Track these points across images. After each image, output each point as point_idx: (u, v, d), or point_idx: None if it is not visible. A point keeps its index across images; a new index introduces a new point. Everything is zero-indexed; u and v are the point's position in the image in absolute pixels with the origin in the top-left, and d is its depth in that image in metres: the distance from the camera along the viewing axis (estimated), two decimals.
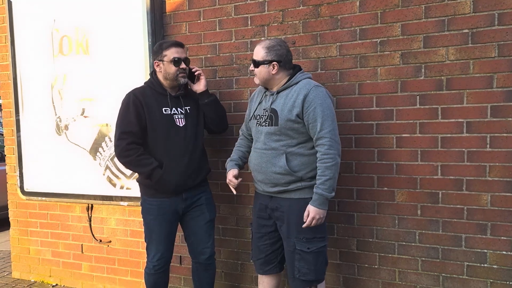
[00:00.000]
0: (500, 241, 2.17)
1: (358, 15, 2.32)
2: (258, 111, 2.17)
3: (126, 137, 2.26)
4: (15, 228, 3.45)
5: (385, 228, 2.38)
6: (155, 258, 2.37)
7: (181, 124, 2.33)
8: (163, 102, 2.32)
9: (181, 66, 2.30)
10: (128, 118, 2.27)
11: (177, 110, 2.34)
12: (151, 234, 2.38)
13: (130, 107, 2.27)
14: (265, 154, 2.10)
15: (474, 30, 2.13)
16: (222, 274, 2.83)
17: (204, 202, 2.43)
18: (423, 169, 2.27)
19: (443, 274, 2.29)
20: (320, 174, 1.98)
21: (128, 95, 2.33)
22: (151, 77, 2.39)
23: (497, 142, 2.13)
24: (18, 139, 3.22)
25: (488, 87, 2.12)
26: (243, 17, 2.60)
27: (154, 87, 2.35)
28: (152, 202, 2.35)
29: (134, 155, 2.26)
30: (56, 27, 3.01)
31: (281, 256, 2.25)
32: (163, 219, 2.35)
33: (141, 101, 2.28)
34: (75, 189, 3.05)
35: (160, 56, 2.30)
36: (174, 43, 2.33)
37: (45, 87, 3.09)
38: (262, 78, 2.10)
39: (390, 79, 2.29)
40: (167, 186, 2.29)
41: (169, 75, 2.30)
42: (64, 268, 3.29)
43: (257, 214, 2.23)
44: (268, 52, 2.06)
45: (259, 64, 2.08)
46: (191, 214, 2.42)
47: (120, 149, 2.28)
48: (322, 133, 1.98)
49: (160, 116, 2.29)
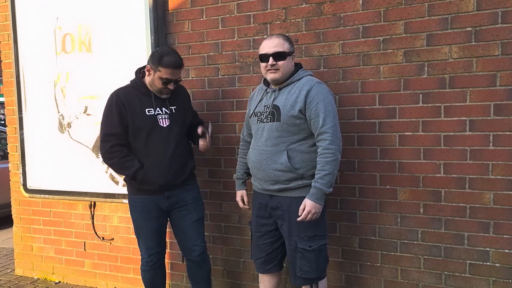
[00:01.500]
0: (502, 239, 2.16)
1: (361, 13, 2.32)
2: (259, 108, 2.16)
3: (109, 139, 2.27)
4: (18, 226, 3.46)
5: (387, 226, 2.38)
6: (146, 254, 2.40)
7: (164, 125, 2.31)
8: (147, 103, 2.30)
9: (168, 86, 2.28)
10: (111, 119, 2.27)
11: (162, 110, 2.32)
12: (139, 231, 2.41)
13: (113, 108, 2.27)
14: (265, 151, 2.09)
15: (477, 28, 2.12)
16: (224, 272, 2.84)
17: (190, 202, 2.41)
18: (425, 167, 2.27)
19: (445, 272, 2.29)
20: (319, 168, 1.97)
21: (111, 95, 2.33)
22: (136, 76, 2.35)
23: (500, 141, 2.13)
24: (21, 137, 3.23)
25: (491, 85, 2.12)
26: (245, 15, 2.59)
27: (139, 88, 2.33)
28: (136, 199, 2.38)
29: (117, 157, 2.27)
30: (59, 25, 3.01)
31: (281, 254, 2.25)
32: (148, 215, 2.36)
33: (123, 102, 2.27)
34: (78, 186, 3.06)
35: (154, 66, 2.24)
36: (174, 65, 2.22)
37: (48, 85, 3.10)
38: (288, 71, 2.07)
39: (393, 77, 2.29)
40: (150, 186, 2.30)
41: (154, 87, 2.29)
42: (67, 266, 3.31)
43: (257, 213, 2.22)
44: (291, 43, 2.09)
45: (286, 56, 2.05)
46: (178, 213, 2.41)
47: (104, 151, 2.30)
48: (324, 128, 1.97)
49: (143, 117, 2.28)
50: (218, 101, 2.73)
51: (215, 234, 2.84)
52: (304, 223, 2.03)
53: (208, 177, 2.81)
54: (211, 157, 2.77)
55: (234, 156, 2.68)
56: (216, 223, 2.82)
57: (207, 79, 2.74)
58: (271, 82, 2.13)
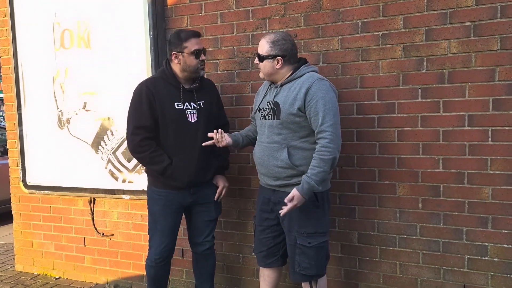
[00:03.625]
0: (501, 234, 2.17)
1: (360, 8, 2.31)
2: (263, 104, 2.16)
3: (139, 132, 2.20)
4: (18, 222, 3.47)
5: (386, 221, 2.39)
6: (157, 250, 2.35)
7: (193, 120, 2.26)
8: (176, 96, 2.24)
9: (201, 58, 2.23)
10: (140, 110, 2.20)
11: (190, 105, 2.26)
12: (155, 225, 2.35)
13: (143, 99, 2.20)
14: (267, 148, 2.10)
15: (476, 22, 2.12)
16: (224, 267, 2.85)
17: (212, 201, 2.41)
18: (424, 162, 2.27)
19: (444, 267, 2.30)
20: (314, 164, 1.94)
21: (140, 86, 2.26)
22: (165, 67, 2.28)
23: (499, 136, 2.13)
24: (20, 133, 3.23)
25: (490, 80, 2.12)
26: (244, 10, 2.59)
27: (168, 78, 2.25)
28: (160, 193, 2.32)
29: (148, 152, 2.21)
30: (58, 21, 3.00)
31: (284, 249, 2.25)
32: (169, 210, 2.32)
33: (153, 93, 2.20)
34: (78, 182, 3.06)
35: (179, 48, 2.20)
36: (193, 33, 2.24)
37: (47, 81, 3.09)
38: (267, 72, 2.09)
39: (392, 72, 2.29)
40: (177, 182, 2.27)
41: (189, 68, 2.22)
42: (67, 261, 3.32)
43: (260, 207, 2.23)
44: (273, 46, 2.04)
45: (263, 59, 2.06)
46: (197, 209, 2.40)
47: (133, 144, 2.23)
48: (324, 126, 1.95)
49: (173, 111, 2.23)
50: None
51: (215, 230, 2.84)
52: (305, 219, 2.05)
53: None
54: None
55: (233, 152, 2.68)
56: None
57: (206, 74, 2.74)
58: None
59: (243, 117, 2.66)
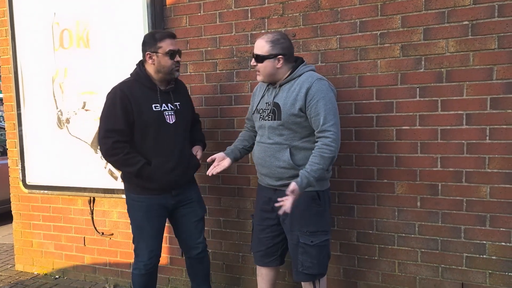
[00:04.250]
0: (499, 232, 2.18)
1: (358, 7, 2.32)
2: (261, 105, 2.15)
3: (112, 135, 2.15)
4: (17, 221, 3.48)
5: (385, 220, 2.39)
6: (146, 257, 2.29)
7: (171, 121, 2.23)
8: (153, 98, 2.21)
9: (175, 59, 2.20)
10: (114, 115, 2.15)
11: (167, 106, 2.23)
12: (141, 232, 2.30)
13: (117, 103, 2.15)
14: (269, 148, 2.09)
15: (474, 22, 2.12)
16: (223, 266, 2.86)
17: (195, 199, 2.39)
18: (422, 161, 2.28)
19: (442, 265, 2.30)
20: (315, 161, 1.93)
21: (114, 90, 2.21)
22: (139, 69, 2.25)
23: (497, 134, 2.14)
24: (20, 133, 3.23)
25: (488, 79, 2.13)
26: (243, 9, 2.59)
27: (142, 81, 2.22)
28: (141, 199, 2.27)
29: (121, 154, 2.15)
30: (57, 21, 3.01)
31: (282, 249, 2.25)
32: (152, 215, 2.27)
33: (129, 97, 2.16)
34: (77, 182, 3.06)
35: (153, 48, 2.17)
36: (168, 34, 2.22)
37: (46, 80, 3.10)
38: (267, 73, 2.05)
39: (390, 71, 2.30)
40: (158, 185, 2.22)
41: (163, 69, 2.20)
42: (67, 261, 3.32)
43: (261, 207, 2.23)
44: (274, 45, 2.01)
45: (263, 59, 2.03)
46: (182, 211, 2.36)
47: (106, 148, 2.18)
48: (325, 126, 1.94)
49: (150, 113, 2.19)
50: (216, 96, 2.73)
51: (214, 229, 2.85)
52: (307, 218, 2.05)
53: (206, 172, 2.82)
54: (209, 152, 2.77)
55: None
56: (215, 217, 2.84)
57: (205, 74, 2.75)
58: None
59: (242, 116, 2.66)
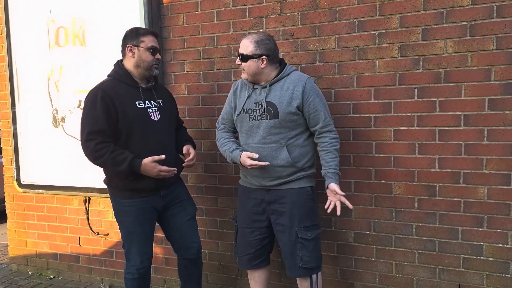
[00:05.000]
0: (496, 233, 2.18)
1: (356, 7, 2.31)
2: (249, 105, 2.13)
3: (94, 137, 2.06)
4: (12, 221, 3.44)
5: (382, 220, 2.39)
6: (139, 261, 2.23)
7: (156, 118, 2.18)
8: (135, 95, 2.15)
9: (156, 57, 2.17)
10: (94, 115, 2.06)
11: (151, 103, 2.19)
12: (131, 237, 2.22)
13: (97, 104, 2.06)
14: (263, 148, 2.08)
15: (472, 22, 2.12)
16: (219, 267, 2.84)
17: (185, 198, 2.35)
18: (420, 162, 2.27)
19: (439, 267, 2.30)
20: (332, 157, 2.08)
21: (94, 90, 2.12)
22: (118, 67, 2.20)
23: (494, 135, 2.13)
24: (15, 132, 3.20)
25: (486, 80, 2.12)
26: (241, 8, 2.58)
27: (123, 79, 2.16)
28: (130, 203, 2.19)
29: (107, 154, 2.05)
30: (52, 18, 2.98)
31: (269, 250, 2.29)
32: (143, 219, 2.21)
33: (111, 96, 2.08)
34: (72, 181, 3.03)
35: (136, 41, 2.13)
36: (152, 31, 2.21)
37: (42, 79, 3.07)
38: (251, 72, 2.09)
39: (388, 71, 2.29)
40: (146, 184, 2.14)
41: (143, 63, 2.15)
42: (62, 261, 3.30)
43: (250, 209, 2.21)
44: (258, 46, 2.05)
45: (247, 58, 2.06)
46: (171, 211, 2.30)
47: (89, 150, 2.08)
48: (327, 121, 2.08)
49: (135, 110, 2.12)
50: (214, 95, 2.72)
51: (211, 229, 2.83)
52: (304, 213, 2.10)
53: (203, 171, 2.81)
54: (206, 152, 2.76)
55: None
56: (211, 218, 2.82)
57: (202, 73, 2.73)
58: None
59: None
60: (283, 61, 2.16)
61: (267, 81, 2.10)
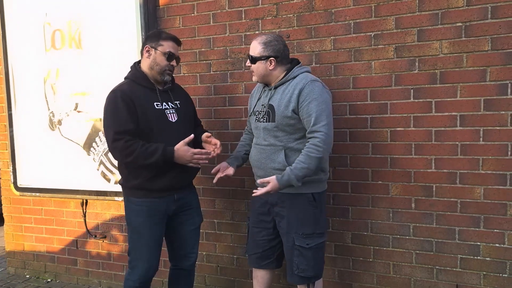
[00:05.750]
0: (493, 233, 2.18)
1: (352, 8, 2.32)
2: (257, 107, 2.16)
3: (122, 137, 2.01)
4: (9, 224, 3.43)
5: (379, 221, 2.39)
6: (144, 270, 2.15)
7: (173, 120, 2.16)
8: (153, 97, 2.14)
9: (171, 63, 2.16)
10: (119, 116, 2.04)
11: (168, 105, 2.17)
12: (139, 240, 2.15)
13: (119, 104, 2.04)
14: (264, 150, 2.09)
15: (467, 23, 2.13)
16: (217, 269, 2.84)
17: (195, 206, 2.31)
18: (417, 162, 2.28)
19: (437, 267, 2.30)
20: (301, 159, 1.94)
21: (113, 92, 2.11)
22: (135, 69, 2.19)
23: (490, 135, 2.14)
24: (11, 134, 3.19)
25: (481, 81, 2.13)
26: (237, 10, 2.58)
27: (140, 81, 2.15)
28: (142, 203, 2.13)
29: (138, 148, 2.01)
30: (48, 21, 2.98)
31: (278, 253, 2.24)
32: (153, 221, 2.15)
33: (130, 97, 2.06)
34: (70, 184, 3.03)
35: (155, 44, 2.13)
36: (174, 38, 2.19)
37: (38, 81, 3.06)
38: (260, 74, 2.08)
39: (384, 72, 2.29)
40: (163, 184, 2.12)
41: (156, 66, 2.13)
42: (59, 264, 3.28)
43: (257, 209, 2.22)
44: (265, 47, 2.03)
45: (256, 60, 2.05)
46: (180, 218, 2.25)
47: (119, 149, 2.03)
48: (316, 127, 1.95)
49: (153, 111, 2.11)
50: (211, 97, 2.72)
51: (209, 231, 2.83)
52: (303, 219, 2.05)
53: (201, 173, 2.80)
54: None
55: (227, 152, 2.67)
56: (209, 219, 2.82)
57: (199, 75, 2.73)
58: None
59: (236, 117, 2.65)
60: (295, 62, 2.10)
61: (276, 82, 2.08)
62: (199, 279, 2.88)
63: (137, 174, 2.12)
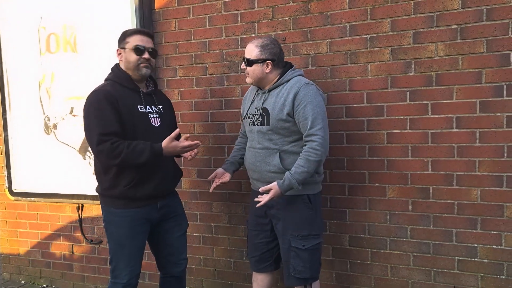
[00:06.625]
0: (490, 235, 2.18)
1: (347, 11, 2.32)
2: (251, 110, 2.16)
3: (107, 138, 1.91)
4: (4, 229, 3.40)
5: (377, 224, 2.39)
6: (126, 278, 2.07)
7: (156, 124, 2.08)
8: (137, 99, 2.05)
9: (143, 56, 2.03)
10: (104, 117, 1.93)
11: (152, 109, 2.09)
12: (122, 251, 2.07)
13: (102, 105, 1.93)
14: (259, 153, 2.09)
15: (462, 25, 2.13)
16: (214, 273, 2.82)
17: (180, 212, 2.25)
18: (413, 164, 2.28)
19: (434, 269, 2.30)
20: (300, 164, 1.94)
21: (96, 92, 1.99)
22: (117, 70, 2.09)
23: (486, 137, 2.15)
24: (6, 139, 3.17)
25: (477, 83, 2.14)
26: (233, 13, 2.58)
27: (123, 82, 2.04)
28: (124, 214, 2.05)
29: (125, 149, 1.91)
30: (43, 25, 2.96)
31: (276, 255, 2.24)
32: (136, 231, 2.07)
33: (115, 96, 1.96)
34: (65, 189, 3.01)
35: (122, 43, 2.05)
36: (138, 31, 2.09)
37: (33, 85, 3.04)
38: (256, 77, 2.07)
39: (380, 75, 2.30)
40: (145, 192, 2.03)
41: (129, 64, 2.03)
42: (55, 269, 3.26)
43: (254, 212, 2.21)
44: (262, 50, 2.03)
45: (252, 63, 2.05)
46: (165, 225, 2.19)
47: (106, 152, 1.91)
48: (313, 130, 1.95)
49: (137, 114, 2.02)
50: (207, 100, 2.71)
51: (205, 235, 2.82)
52: (299, 221, 2.05)
53: (197, 177, 2.79)
54: (200, 157, 2.75)
55: (223, 156, 2.66)
56: (206, 223, 2.80)
57: (195, 78, 2.72)
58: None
59: (233, 120, 2.65)
60: (288, 65, 2.11)
61: (270, 85, 2.08)
62: (196, 283, 2.87)
63: (117, 182, 2.01)
